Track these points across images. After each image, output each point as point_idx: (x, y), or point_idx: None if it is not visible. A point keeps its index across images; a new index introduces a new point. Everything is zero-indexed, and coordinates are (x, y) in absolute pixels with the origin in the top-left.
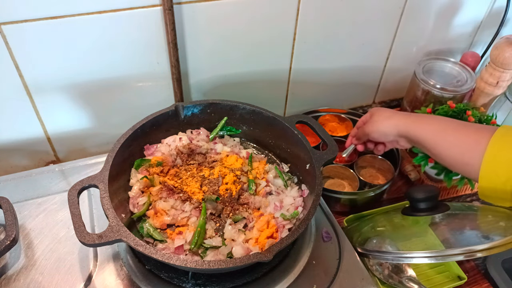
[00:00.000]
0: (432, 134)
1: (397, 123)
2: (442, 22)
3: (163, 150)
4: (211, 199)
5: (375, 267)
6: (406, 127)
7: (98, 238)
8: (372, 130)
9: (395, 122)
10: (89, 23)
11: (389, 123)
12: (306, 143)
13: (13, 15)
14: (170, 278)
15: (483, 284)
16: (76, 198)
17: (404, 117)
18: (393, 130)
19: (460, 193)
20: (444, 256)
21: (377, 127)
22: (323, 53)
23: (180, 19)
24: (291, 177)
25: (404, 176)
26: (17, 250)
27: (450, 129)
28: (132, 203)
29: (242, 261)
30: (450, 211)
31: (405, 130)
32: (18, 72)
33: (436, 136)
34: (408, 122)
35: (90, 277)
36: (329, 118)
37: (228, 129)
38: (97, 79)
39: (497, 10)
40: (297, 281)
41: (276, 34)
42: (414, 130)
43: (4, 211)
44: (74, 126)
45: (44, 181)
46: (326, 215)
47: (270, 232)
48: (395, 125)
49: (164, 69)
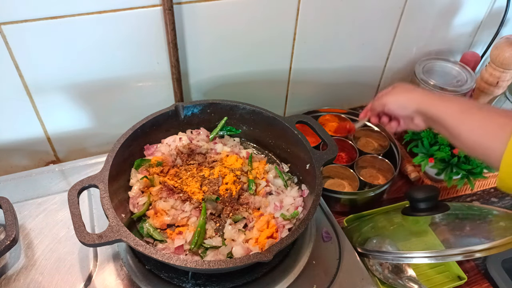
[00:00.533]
0: (455, 113)
1: (419, 98)
2: (442, 22)
3: (163, 150)
4: (211, 199)
5: (375, 267)
6: (428, 103)
7: (98, 238)
8: (390, 101)
9: (417, 96)
10: (89, 23)
11: (410, 95)
12: (306, 143)
13: (13, 15)
14: (170, 278)
15: (483, 284)
16: (76, 198)
17: (427, 93)
18: (412, 104)
19: (460, 193)
20: (444, 256)
21: (396, 98)
22: (323, 53)
23: (180, 19)
24: (291, 177)
25: (404, 176)
26: (17, 250)
27: (475, 109)
28: (132, 203)
29: (242, 261)
30: (450, 211)
31: (426, 106)
32: (18, 72)
33: (460, 115)
34: (431, 99)
35: (90, 277)
36: (329, 118)
37: (228, 129)
38: (97, 79)
39: (497, 10)
40: (297, 281)
41: (276, 34)
42: (436, 107)
43: (4, 211)
44: (74, 126)
45: (44, 181)
46: (326, 215)
47: (270, 232)
48: (416, 99)
49: (164, 69)
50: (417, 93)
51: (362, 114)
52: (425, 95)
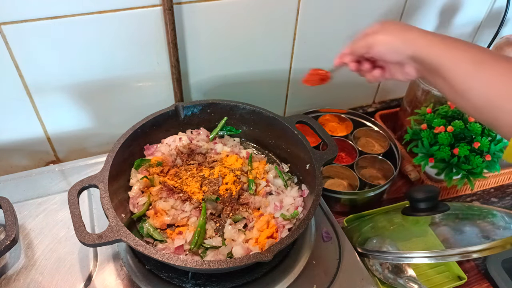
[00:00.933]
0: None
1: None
2: (442, 22)
3: (163, 150)
4: (211, 199)
5: (375, 267)
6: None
7: (98, 238)
8: (380, 42)
9: (415, 37)
10: (89, 23)
11: (406, 36)
12: (306, 143)
13: (13, 15)
14: (170, 278)
15: (483, 284)
16: (76, 198)
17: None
18: (408, 47)
19: (460, 193)
20: (444, 256)
21: (388, 38)
22: (323, 53)
23: (180, 19)
24: (291, 177)
25: (404, 176)
26: (17, 250)
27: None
28: (132, 203)
29: (242, 261)
30: (450, 211)
31: (426, 52)
32: (18, 72)
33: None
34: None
35: (90, 277)
36: (329, 118)
37: (228, 129)
38: (97, 79)
39: (497, 10)
40: (297, 281)
41: (276, 34)
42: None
43: (4, 211)
44: (74, 126)
45: (44, 181)
46: (326, 215)
47: (270, 232)
48: (413, 42)
49: (164, 69)
50: (414, 34)
51: (338, 59)
52: (425, 37)
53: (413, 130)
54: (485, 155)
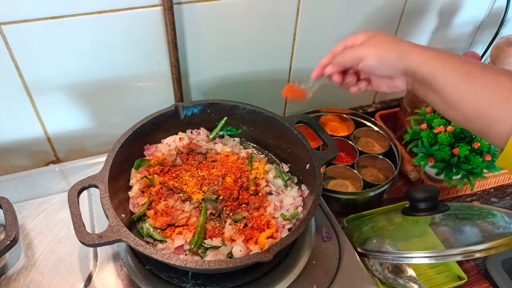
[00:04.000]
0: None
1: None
2: (442, 22)
3: (163, 150)
4: (211, 199)
5: (375, 267)
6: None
7: (98, 238)
8: (370, 55)
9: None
10: (89, 23)
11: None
12: (306, 143)
13: (13, 15)
14: (170, 278)
15: (483, 284)
16: (76, 198)
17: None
18: (400, 61)
19: (460, 193)
20: (444, 256)
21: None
22: (323, 53)
23: (180, 19)
24: (291, 177)
25: (404, 176)
26: (17, 250)
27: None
28: (132, 203)
29: (242, 261)
30: (450, 211)
31: (418, 64)
32: (18, 72)
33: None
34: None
35: (90, 277)
36: (331, 117)
37: (228, 129)
38: (97, 79)
39: (497, 10)
40: (297, 281)
41: (276, 34)
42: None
43: (4, 211)
44: (74, 126)
45: (44, 181)
46: (326, 215)
47: (270, 232)
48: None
49: (164, 69)
50: (405, 46)
51: (318, 70)
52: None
53: (413, 130)
54: (485, 155)
